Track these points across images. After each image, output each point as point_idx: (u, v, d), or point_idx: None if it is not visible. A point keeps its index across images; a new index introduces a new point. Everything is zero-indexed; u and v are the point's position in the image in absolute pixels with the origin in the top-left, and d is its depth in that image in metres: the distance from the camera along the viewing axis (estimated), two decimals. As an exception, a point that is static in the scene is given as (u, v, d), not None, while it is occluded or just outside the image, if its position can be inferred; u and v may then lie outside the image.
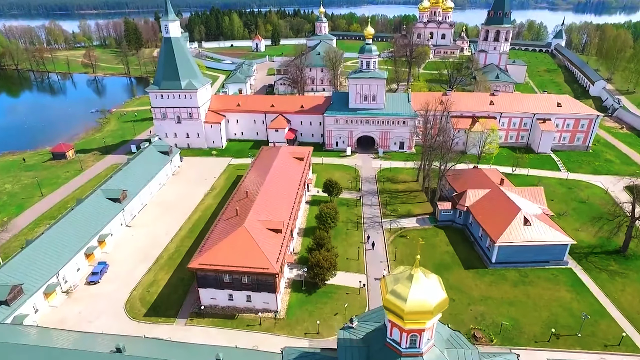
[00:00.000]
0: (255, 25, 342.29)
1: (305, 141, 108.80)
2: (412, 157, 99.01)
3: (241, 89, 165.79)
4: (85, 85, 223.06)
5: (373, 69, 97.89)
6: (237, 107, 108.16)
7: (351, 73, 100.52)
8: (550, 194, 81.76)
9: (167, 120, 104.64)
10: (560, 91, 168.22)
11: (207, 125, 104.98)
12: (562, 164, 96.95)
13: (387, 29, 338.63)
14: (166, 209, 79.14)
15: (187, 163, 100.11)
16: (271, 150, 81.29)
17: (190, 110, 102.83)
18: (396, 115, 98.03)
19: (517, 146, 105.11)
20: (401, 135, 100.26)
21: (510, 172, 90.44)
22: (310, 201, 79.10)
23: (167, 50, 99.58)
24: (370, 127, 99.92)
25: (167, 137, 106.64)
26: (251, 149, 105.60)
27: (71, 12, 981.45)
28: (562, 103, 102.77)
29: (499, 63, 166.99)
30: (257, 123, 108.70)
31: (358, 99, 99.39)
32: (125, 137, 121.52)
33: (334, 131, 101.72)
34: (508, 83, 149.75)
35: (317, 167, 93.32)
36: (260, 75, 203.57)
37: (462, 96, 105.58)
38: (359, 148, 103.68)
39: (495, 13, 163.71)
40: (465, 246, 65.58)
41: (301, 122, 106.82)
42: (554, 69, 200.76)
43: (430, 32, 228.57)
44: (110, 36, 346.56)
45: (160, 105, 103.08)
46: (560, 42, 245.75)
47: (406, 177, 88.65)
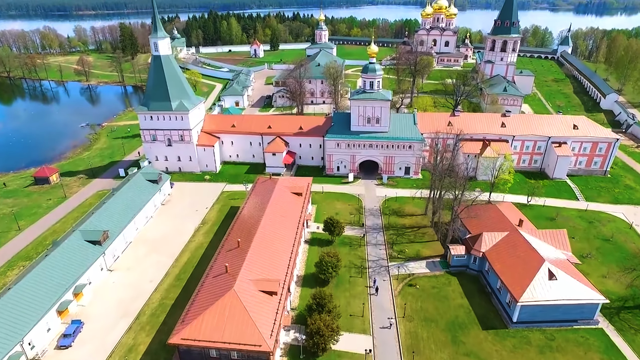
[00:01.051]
0: (254, 29, 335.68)
1: (304, 164, 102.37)
2: (418, 183, 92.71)
3: (238, 101, 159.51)
4: (78, 94, 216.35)
5: (377, 90, 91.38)
6: (232, 128, 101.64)
7: (353, 93, 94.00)
8: (571, 230, 75.25)
9: (157, 143, 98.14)
10: (569, 103, 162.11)
11: (200, 148, 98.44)
12: (580, 191, 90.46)
13: (389, 33, 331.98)
14: (153, 247, 72.60)
15: (178, 190, 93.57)
16: (267, 183, 74.73)
17: (181, 133, 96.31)
18: (402, 139, 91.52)
19: (530, 171, 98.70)
20: (407, 160, 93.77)
21: (526, 203, 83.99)
22: (309, 240, 72.56)
23: (157, 69, 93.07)
24: (373, 151, 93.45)
25: (157, 160, 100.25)
26: (247, 173, 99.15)
27: (69, 12, 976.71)
28: (579, 125, 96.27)
29: (506, 74, 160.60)
30: (253, 145, 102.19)
31: (361, 121, 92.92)
32: (114, 157, 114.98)
33: (335, 155, 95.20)
34: (516, 97, 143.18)
35: (317, 196, 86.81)
36: (258, 85, 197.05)
37: (472, 117, 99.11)
38: (361, 173, 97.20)
39: (502, 22, 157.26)
40: (482, 298, 59.06)
41: (300, 145, 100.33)
42: (561, 78, 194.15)
43: (433, 39, 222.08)
44: (106, 40, 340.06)
45: (150, 127, 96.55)
46: (566, 49, 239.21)
47: (413, 210, 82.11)
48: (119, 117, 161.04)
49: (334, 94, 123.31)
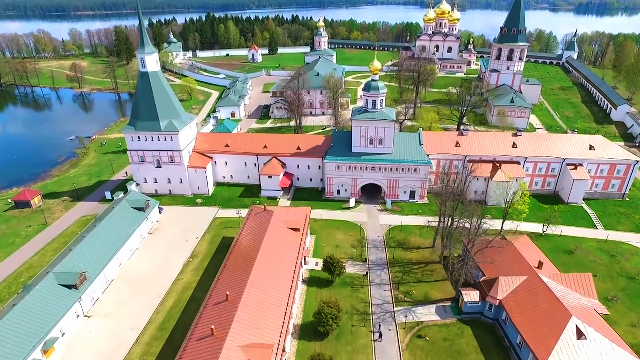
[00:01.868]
0: (252, 33, 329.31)
1: (302, 186, 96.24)
2: (424, 209, 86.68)
3: (234, 112, 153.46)
4: (70, 102, 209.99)
5: (380, 109, 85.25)
6: (226, 148, 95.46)
7: (354, 112, 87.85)
8: (592, 265, 69.44)
9: (146, 164, 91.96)
10: (578, 113, 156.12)
11: (191, 170, 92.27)
12: (598, 218, 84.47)
13: (389, 37, 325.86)
14: (136, 287, 66.47)
15: (168, 215, 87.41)
16: (261, 216, 68.53)
17: (171, 154, 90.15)
18: (407, 162, 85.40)
19: (543, 194, 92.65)
20: (412, 184, 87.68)
21: (541, 233, 77.98)
22: (307, 279, 66.44)
23: (144, 86, 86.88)
24: (376, 174, 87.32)
25: (145, 182, 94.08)
26: (241, 197, 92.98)
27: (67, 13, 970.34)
28: (595, 145, 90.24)
29: (512, 84, 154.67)
30: (248, 166, 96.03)
31: (362, 142, 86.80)
32: (102, 175, 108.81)
33: (335, 178, 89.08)
34: (524, 108, 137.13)
35: (316, 224, 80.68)
36: (255, 92, 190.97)
37: (480, 137, 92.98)
38: (363, 196, 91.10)
39: (509, 30, 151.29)
40: (500, 355, 52.95)
41: (298, 166, 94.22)
42: (569, 86, 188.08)
43: (435, 45, 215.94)
44: (101, 44, 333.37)
45: (137, 148, 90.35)
46: (572, 54, 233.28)
47: (420, 241, 75.98)
48: (110, 129, 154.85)
49: (334, 110, 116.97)
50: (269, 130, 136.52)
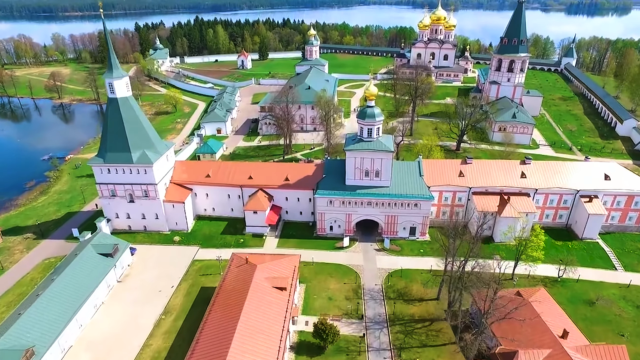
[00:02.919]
0: (242, 37, 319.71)
1: (291, 220, 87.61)
2: (425, 248, 78.56)
3: (220, 128, 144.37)
4: (49, 114, 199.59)
5: (376, 137, 76.87)
6: (207, 179, 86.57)
7: (348, 140, 79.34)
8: (617, 321, 61.78)
9: (117, 199, 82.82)
10: (581, 127, 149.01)
11: (168, 205, 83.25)
12: (616, 256, 76.86)
13: (383, 42, 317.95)
14: (97, 357, 57.50)
15: (141, 257, 78.39)
16: (243, 270, 59.73)
17: (145, 188, 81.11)
18: (406, 197, 77.16)
19: (555, 227, 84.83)
20: (412, 220, 79.46)
21: (557, 278, 70.18)
22: (295, 345, 57.85)
23: (113, 114, 77.69)
24: (372, 210, 79.00)
25: (117, 218, 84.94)
26: (223, 234, 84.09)
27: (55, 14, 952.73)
28: (611, 175, 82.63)
29: (513, 96, 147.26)
30: (232, 198, 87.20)
31: (357, 174, 78.41)
32: (72, 205, 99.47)
33: (327, 214, 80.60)
34: (526, 124, 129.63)
35: (307, 270, 72.16)
36: (244, 104, 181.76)
37: (486, 166, 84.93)
38: (358, 232, 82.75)
39: (510, 40, 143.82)
40: None
41: (286, 198, 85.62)
42: (570, 96, 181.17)
43: (431, 53, 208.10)
44: (85, 49, 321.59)
45: (107, 182, 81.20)
46: (570, 61, 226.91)
47: (423, 292, 67.57)
48: (88, 147, 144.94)
49: (326, 133, 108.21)
50: (257, 150, 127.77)
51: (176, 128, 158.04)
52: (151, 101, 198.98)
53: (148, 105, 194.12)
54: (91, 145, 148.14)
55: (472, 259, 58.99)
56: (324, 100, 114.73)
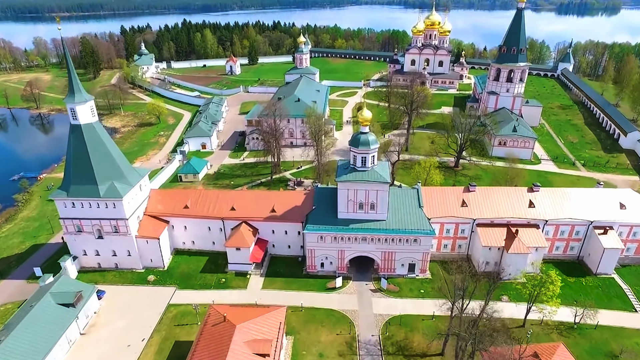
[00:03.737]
0: (231, 41, 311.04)
1: (279, 255, 79.88)
2: (426, 287, 71.31)
3: (205, 143, 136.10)
4: (26, 125, 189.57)
5: (371, 167, 69.38)
6: (185, 211, 78.48)
7: (340, 169, 71.69)
8: (643, 380, 54.93)
9: (84, 235, 74.53)
10: (583, 139, 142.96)
11: (142, 241, 75.07)
12: (635, 295, 70.13)
13: (375, 45, 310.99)
14: None
15: (111, 302, 70.13)
16: (220, 331, 51.78)
17: (115, 223, 72.89)
18: (405, 233, 69.82)
19: (565, 260, 78.10)
20: (411, 256, 72.16)
21: (573, 325, 63.27)
22: (281, 419, 50.37)
23: (77, 143, 69.44)
24: (367, 246, 71.58)
25: (85, 255, 76.64)
26: (203, 272, 76.06)
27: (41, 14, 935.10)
28: (626, 204, 75.95)
29: (513, 107, 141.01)
30: (213, 231, 79.22)
31: (350, 207, 70.91)
32: (39, 235, 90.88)
33: (318, 250, 73.02)
34: (528, 138, 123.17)
35: (294, 318, 64.42)
36: (231, 114, 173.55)
37: (491, 194, 77.79)
38: (352, 269, 75.26)
39: (509, 49, 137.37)
40: None
41: (273, 231, 77.90)
42: (569, 105, 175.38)
43: (426, 59, 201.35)
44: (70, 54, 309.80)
45: (73, 216, 72.89)
46: (567, 66, 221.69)
47: (426, 343, 60.19)
48: (62, 166, 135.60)
49: (316, 153, 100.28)
50: (244, 168, 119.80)
51: (159, 142, 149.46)
52: (134, 111, 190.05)
53: (131, 116, 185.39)
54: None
55: (476, 300, 52.75)
56: (313, 118, 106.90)
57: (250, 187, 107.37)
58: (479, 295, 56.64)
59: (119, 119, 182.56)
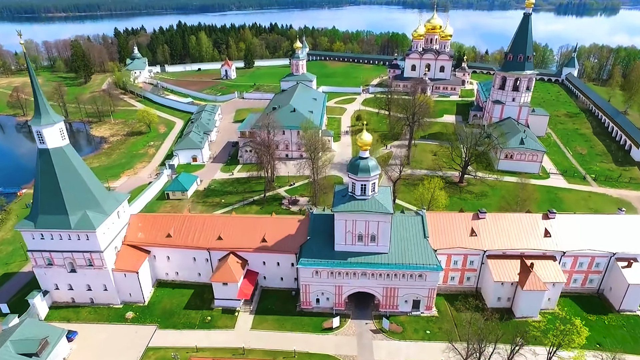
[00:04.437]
0: (226, 44, 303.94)
1: (270, 287, 73.11)
2: (432, 326, 64.62)
3: (196, 156, 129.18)
4: (12, 134, 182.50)
5: (371, 195, 62.62)
6: (167, 240, 71.61)
7: (337, 197, 64.91)
8: None
9: (55, 268, 67.66)
10: (592, 150, 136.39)
11: (119, 274, 68.21)
12: (662, 336, 63.77)
13: (374, 49, 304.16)
14: None
15: (83, 344, 63.21)
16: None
17: (89, 256, 66.04)
18: (409, 268, 63.11)
19: (584, 293, 71.40)
20: (416, 293, 65.50)
21: (596, 374, 56.80)
22: None
23: (45, 169, 62.49)
24: (368, 281, 64.88)
25: (57, 289, 69.81)
26: (187, 309, 69.19)
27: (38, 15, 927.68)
28: (652, 232, 69.51)
29: (519, 117, 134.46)
30: (198, 261, 72.39)
31: (349, 239, 64.20)
32: (11, 262, 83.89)
33: (313, 286, 66.32)
34: (536, 152, 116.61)
35: (286, 366, 57.90)
36: (225, 122, 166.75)
37: (502, 222, 71.06)
38: (351, 305, 68.57)
39: (515, 57, 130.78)
40: None
41: (264, 263, 71.14)
42: (576, 112, 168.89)
43: (426, 64, 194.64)
44: (60, 57, 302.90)
45: (42, 249, 66.03)
46: (572, 71, 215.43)
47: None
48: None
49: (312, 172, 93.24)
50: (236, 184, 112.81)
51: (148, 153, 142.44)
52: (125, 118, 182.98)
53: (121, 124, 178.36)
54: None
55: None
56: (310, 133, 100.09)
57: (242, 206, 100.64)
58: (491, 337, 50.65)
59: (109, 127, 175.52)
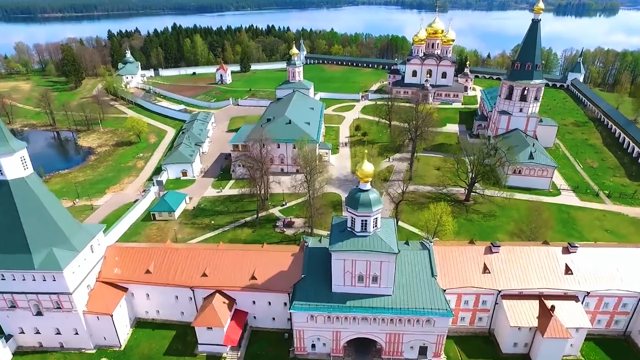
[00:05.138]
0: (222, 47, 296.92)
1: (261, 328, 66.07)
2: (442, 378, 57.66)
3: (186, 170, 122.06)
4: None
5: (373, 231, 55.61)
6: (146, 276, 64.53)
7: (334, 232, 57.77)
8: None
9: (19, 311, 60.49)
10: (603, 162, 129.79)
11: (91, 317, 61.09)
12: (699, 388, 57.04)
13: (373, 52, 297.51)
14: None
15: (49, 398, 56.37)
16: None
17: (56, 298, 58.92)
18: (415, 313, 56.13)
19: (609, 336, 64.56)
20: (423, 339, 58.53)
21: None
22: None
23: (4, 202, 55.28)
24: (369, 326, 57.89)
25: (22, 334, 62.66)
26: (168, 355, 62.16)
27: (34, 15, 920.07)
28: (684, 268, 62.66)
29: (526, 128, 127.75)
30: (181, 299, 65.26)
31: (347, 279, 57.19)
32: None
33: (307, 331, 59.30)
34: (546, 167, 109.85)
35: None
36: (218, 132, 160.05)
37: (518, 256, 64.03)
38: (350, 350, 61.62)
39: (523, 65, 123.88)
40: None
41: (254, 302, 64.07)
42: (584, 121, 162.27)
43: (428, 70, 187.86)
44: (51, 60, 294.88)
45: (2, 290, 58.82)
46: (577, 77, 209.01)
47: None
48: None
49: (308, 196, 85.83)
50: (227, 203, 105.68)
51: (136, 166, 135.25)
52: (114, 127, 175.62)
53: (110, 133, 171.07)
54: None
55: None
56: (305, 152, 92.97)
57: (233, 229, 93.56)
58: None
59: (97, 136, 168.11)
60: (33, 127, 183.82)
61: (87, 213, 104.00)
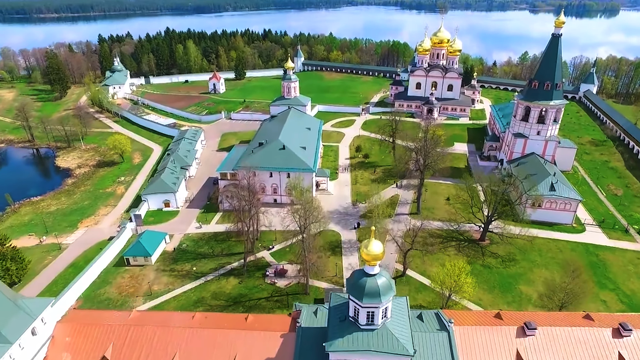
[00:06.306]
0: (216, 53, 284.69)
1: None
2: None
3: (168, 201, 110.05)
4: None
5: (382, 323, 43.74)
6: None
7: (332, 327, 45.96)
8: None
9: (-58, 414, 48.70)
10: (628, 190, 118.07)
11: (31, 420, 49.26)
12: None
13: (374, 58, 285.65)
14: None
15: None
16: None
17: (-14, 400, 47.13)
18: None
19: None
20: None
21: None
22: None
23: None
24: None
25: None
26: None
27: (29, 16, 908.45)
28: None
29: (544, 153, 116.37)
30: (145, 391, 53.43)
31: (351, 381, 45.38)
32: None
33: None
34: (570, 200, 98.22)
35: None
36: (208, 152, 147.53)
37: (557, 339, 52.08)
38: None
39: (541, 84, 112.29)
40: None
41: (233, 397, 52.16)
42: (602, 140, 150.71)
43: (433, 82, 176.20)
44: (38, 67, 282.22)
45: None
46: (590, 88, 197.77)
47: None
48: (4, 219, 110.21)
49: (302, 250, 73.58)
50: (212, 242, 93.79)
51: (116, 192, 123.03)
52: (97, 143, 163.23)
53: (92, 150, 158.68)
54: (9, 214, 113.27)
55: None
56: (298, 192, 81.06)
57: (217, 279, 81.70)
58: None
59: (77, 155, 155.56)
60: (10, 143, 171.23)
61: (54, 254, 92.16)
